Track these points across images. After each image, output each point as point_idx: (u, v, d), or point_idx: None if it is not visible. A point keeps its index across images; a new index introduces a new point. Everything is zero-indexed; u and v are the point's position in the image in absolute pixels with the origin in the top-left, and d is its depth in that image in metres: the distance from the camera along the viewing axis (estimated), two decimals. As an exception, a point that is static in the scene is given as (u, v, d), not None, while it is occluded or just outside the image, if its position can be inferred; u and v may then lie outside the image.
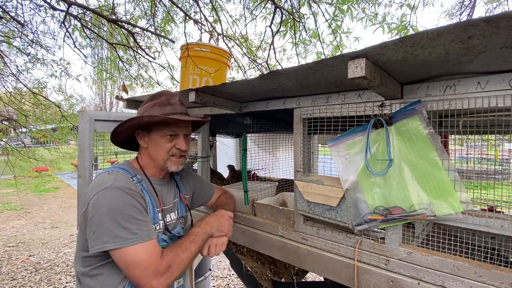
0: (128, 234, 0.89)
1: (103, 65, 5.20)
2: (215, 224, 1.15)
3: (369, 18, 3.71)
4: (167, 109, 1.10)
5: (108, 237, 0.88)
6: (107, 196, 0.92)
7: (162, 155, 1.10)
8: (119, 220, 0.89)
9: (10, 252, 4.57)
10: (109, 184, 0.94)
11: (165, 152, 1.10)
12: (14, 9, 3.51)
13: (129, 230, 0.89)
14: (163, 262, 0.91)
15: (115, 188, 0.93)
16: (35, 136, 4.83)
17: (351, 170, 1.04)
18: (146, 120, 1.06)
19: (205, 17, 3.08)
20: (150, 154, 1.12)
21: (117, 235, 0.88)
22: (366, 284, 1.04)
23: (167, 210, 1.16)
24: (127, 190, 0.95)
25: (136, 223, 0.92)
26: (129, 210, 0.92)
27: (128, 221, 0.90)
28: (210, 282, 2.89)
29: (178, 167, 1.13)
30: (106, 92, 26.24)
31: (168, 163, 1.11)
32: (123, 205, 0.92)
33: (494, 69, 0.79)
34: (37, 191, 9.30)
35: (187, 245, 1.00)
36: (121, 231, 0.88)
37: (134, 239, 0.89)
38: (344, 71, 0.79)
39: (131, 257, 0.89)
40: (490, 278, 0.81)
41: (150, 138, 1.11)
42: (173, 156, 1.11)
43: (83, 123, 1.37)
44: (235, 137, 2.93)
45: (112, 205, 0.90)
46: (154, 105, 1.11)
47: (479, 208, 1.11)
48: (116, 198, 0.92)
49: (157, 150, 1.10)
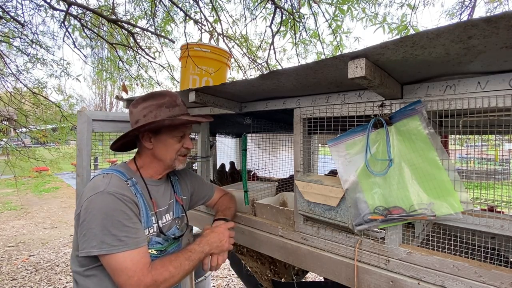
0: (115, 241, 0.89)
1: (103, 65, 5.20)
2: (216, 244, 1.13)
3: (370, 18, 3.71)
4: (176, 110, 1.11)
5: (95, 242, 0.89)
6: (99, 201, 0.92)
7: (170, 155, 1.13)
8: (107, 226, 0.89)
9: (10, 252, 4.57)
10: (102, 188, 0.94)
11: (174, 152, 1.13)
12: (14, 9, 3.51)
13: (116, 237, 0.89)
14: (149, 275, 0.90)
15: (108, 194, 0.93)
16: (35, 136, 4.83)
17: (351, 170, 1.04)
18: (168, 123, 1.07)
19: (205, 17, 3.08)
20: (157, 155, 1.12)
21: (104, 241, 0.88)
22: (366, 284, 1.04)
23: (162, 212, 1.16)
24: (119, 196, 0.95)
25: (125, 230, 0.91)
26: (119, 217, 0.92)
27: (117, 227, 0.90)
28: (210, 282, 2.89)
29: (184, 165, 1.19)
30: (106, 92, 26.25)
31: (176, 162, 1.15)
32: (114, 211, 0.92)
33: (494, 69, 0.79)
34: (37, 191, 9.30)
35: (181, 262, 0.99)
36: (108, 237, 0.89)
37: (120, 246, 0.89)
38: (344, 71, 0.79)
39: (116, 264, 0.89)
40: (490, 278, 0.81)
41: (158, 140, 1.10)
42: (180, 156, 1.16)
43: (81, 123, 1.37)
44: (235, 137, 2.93)
45: (103, 211, 0.91)
46: (161, 107, 1.09)
47: (479, 208, 1.11)
48: (108, 203, 0.92)
49: (165, 150, 1.11)
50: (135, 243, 0.93)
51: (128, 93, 4.22)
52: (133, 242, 0.92)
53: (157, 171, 1.16)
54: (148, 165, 1.14)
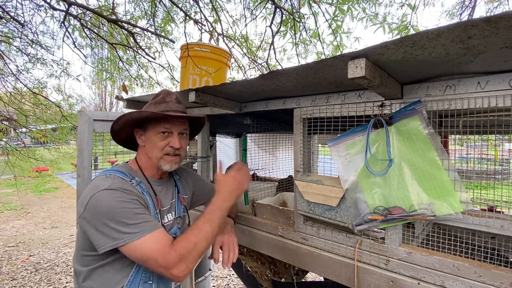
0: (134, 228, 0.90)
1: (103, 65, 5.20)
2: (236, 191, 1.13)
3: (370, 18, 3.71)
4: (161, 106, 1.10)
5: (115, 234, 0.89)
6: (105, 197, 0.92)
7: (156, 153, 1.08)
8: (122, 218, 0.90)
9: (10, 252, 4.57)
10: (107, 186, 0.94)
11: (159, 150, 1.08)
12: (14, 9, 3.51)
13: (134, 225, 0.90)
14: (173, 252, 0.90)
15: (113, 189, 0.94)
16: (35, 136, 4.84)
17: (351, 170, 1.04)
18: (135, 116, 1.06)
19: (205, 17, 3.09)
20: (147, 153, 1.12)
21: (123, 231, 0.89)
22: (366, 284, 1.04)
23: (165, 211, 1.16)
24: (126, 191, 0.95)
25: (139, 218, 0.92)
26: (130, 206, 0.92)
27: (131, 217, 0.91)
28: (210, 282, 2.89)
29: (172, 166, 1.11)
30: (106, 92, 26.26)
31: (161, 162, 1.09)
32: (123, 203, 0.92)
33: (494, 69, 0.79)
34: (37, 191, 9.30)
35: (200, 227, 0.99)
36: (125, 227, 0.89)
37: (142, 232, 0.90)
38: (344, 71, 0.79)
39: (141, 251, 0.89)
40: (490, 278, 0.81)
41: (146, 136, 1.11)
42: (167, 155, 1.09)
43: (82, 123, 1.37)
44: (235, 137, 2.93)
45: (112, 205, 0.91)
46: (151, 104, 1.13)
47: (479, 208, 1.11)
48: (115, 197, 0.92)
49: (151, 148, 1.09)
50: (154, 225, 0.93)
51: (128, 93, 4.21)
52: (152, 225, 0.93)
53: (153, 170, 1.15)
54: (146, 164, 1.14)
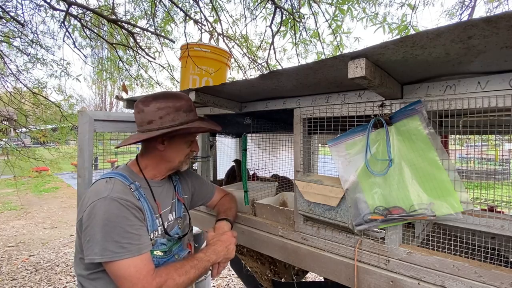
0: (117, 248, 0.89)
1: (103, 65, 5.20)
2: (223, 253, 1.12)
3: (370, 18, 3.71)
4: (191, 115, 1.12)
5: (97, 248, 0.89)
6: (102, 207, 0.92)
7: (180, 158, 1.16)
8: (110, 233, 0.89)
9: (10, 252, 4.57)
10: (106, 194, 0.94)
11: (184, 155, 1.17)
12: (14, 9, 3.51)
13: (119, 244, 0.89)
14: (153, 282, 0.89)
15: (111, 199, 0.93)
16: (35, 136, 4.84)
17: (351, 170, 1.04)
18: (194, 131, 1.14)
19: (205, 17, 3.08)
20: (166, 157, 1.13)
21: (107, 248, 0.88)
22: (366, 284, 1.04)
23: (166, 213, 1.16)
24: (123, 202, 0.95)
25: (127, 236, 0.91)
26: (122, 223, 0.92)
27: (120, 234, 0.90)
28: (210, 282, 2.89)
29: (189, 165, 1.24)
30: (106, 92, 26.25)
31: (183, 165, 1.19)
32: (117, 218, 0.92)
33: (494, 69, 0.79)
34: (37, 191, 9.30)
35: (187, 269, 0.98)
36: (110, 244, 0.89)
37: (122, 253, 0.89)
38: (344, 71, 0.79)
39: (119, 271, 0.89)
40: (490, 278, 0.81)
41: (172, 143, 1.11)
42: (187, 158, 1.20)
43: (82, 123, 1.37)
44: (235, 137, 2.93)
45: (106, 217, 0.91)
46: (178, 110, 1.07)
47: (479, 208, 1.11)
48: (111, 210, 0.92)
49: (176, 153, 1.14)
50: (138, 249, 0.92)
51: (128, 93, 4.22)
52: (135, 249, 0.92)
53: (161, 172, 1.16)
54: (154, 166, 1.14)
